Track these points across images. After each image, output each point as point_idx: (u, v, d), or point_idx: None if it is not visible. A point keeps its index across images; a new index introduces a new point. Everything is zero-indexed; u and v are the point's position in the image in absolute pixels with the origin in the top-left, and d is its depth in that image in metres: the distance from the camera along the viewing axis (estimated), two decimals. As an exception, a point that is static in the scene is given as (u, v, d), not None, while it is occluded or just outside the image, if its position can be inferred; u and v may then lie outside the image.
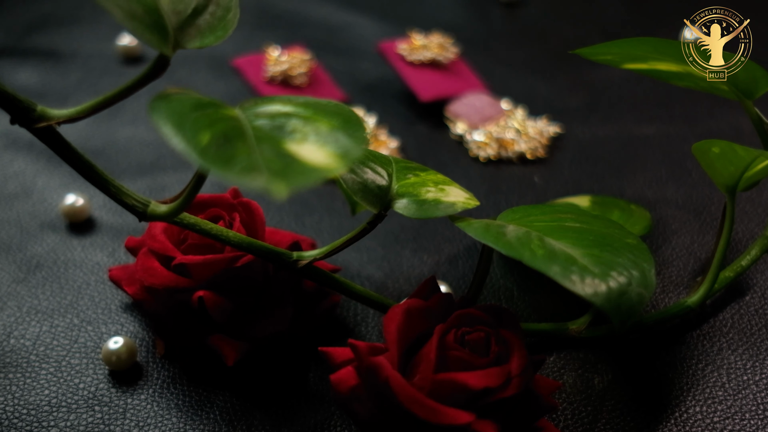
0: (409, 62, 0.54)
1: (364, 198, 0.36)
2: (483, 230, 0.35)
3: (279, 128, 0.30)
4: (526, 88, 0.55)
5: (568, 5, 0.63)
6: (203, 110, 0.30)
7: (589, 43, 0.60)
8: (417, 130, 0.52)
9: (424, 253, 0.44)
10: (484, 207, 0.47)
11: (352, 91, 0.55)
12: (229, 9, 0.35)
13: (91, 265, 0.44)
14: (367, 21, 0.61)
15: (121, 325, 0.41)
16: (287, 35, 0.60)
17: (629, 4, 0.63)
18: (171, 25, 0.33)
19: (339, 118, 0.31)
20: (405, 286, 0.43)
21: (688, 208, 0.47)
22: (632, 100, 0.54)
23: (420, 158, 0.50)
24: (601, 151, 0.51)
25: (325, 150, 0.29)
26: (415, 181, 0.37)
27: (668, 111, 0.53)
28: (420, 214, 0.35)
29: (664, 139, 0.51)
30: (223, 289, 0.38)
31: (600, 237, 0.35)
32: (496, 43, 0.59)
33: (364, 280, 0.43)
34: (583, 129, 0.52)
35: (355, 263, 0.44)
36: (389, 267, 0.44)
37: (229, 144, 0.28)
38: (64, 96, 0.54)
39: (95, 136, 0.51)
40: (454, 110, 0.52)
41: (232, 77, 0.55)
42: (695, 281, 0.42)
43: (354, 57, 0.58)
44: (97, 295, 0.42)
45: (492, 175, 0.49)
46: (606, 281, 0.33)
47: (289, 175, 0.28)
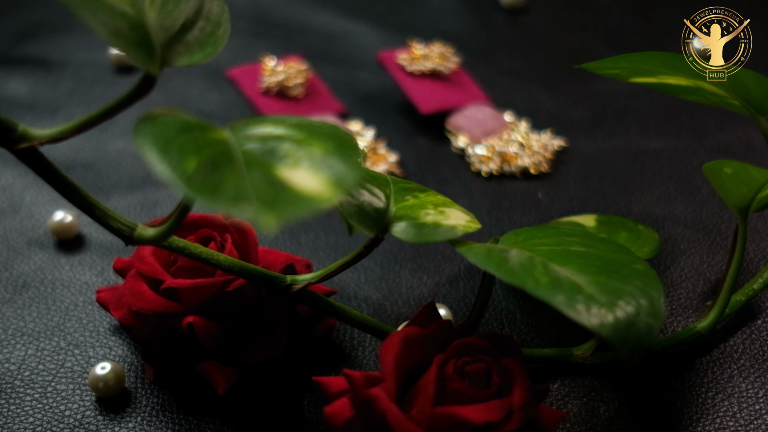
0: (409, 73, 0.52)
1: (360, 221, 0.34)
2: (484, 256, 0.33)
3: (270, 152, 0.28)
4: (530, 99, 0.54)
5: (573, 13, 0.62)
6: (190, 134, 0.29)
7: (594, 52, 0.58)
8: (417, 143, 0.51)
9: (424, 274, 0.43)
10: (486, 225, 0.46)
11: (350, 102, 0.54)
12: (219, 24, 0.33)
13: (79, 284, 0.42)
14: (366, 28, 0.60)
15: (110, 349, 0.39)
16: (284, 43, 0.58)
17: (636, 12, 0.61)
18: (158, 42, 0.31)
19: (334, 142, 0.29)
20: (404, 308, 0.41)
21: (698, 227, 0.45)
22: (639, 113, 0.53)
23: (420, 173, 0.49)
24: (607, 165, 0.49)
25: (319, 177, 0.28)
26: (414, 204, 0.35)
27: (677, 124, 0.52)
28: (419, 238, 0.34)
29: (672, 153, 0.50)
30: (213, 314, 0.36)
31: (607, 263, 0.34)
32: (499, 52, 0.58)
33: (361, 301, 0.42)
34: (588, 143, 0.51)
35: (352, 284, 0.42)
36: (387, 288, 0.42)
37: (217, 171, 0.27)
38: (54, 107, 0.53)
39: (86, 149, 0.50)
40: (456, 123, 0.50)
41: (228, 87, 0.54)
42: (705, 305, 0.40)
43: (352, 66, 0.56)
44: (85, 317, 0.41)
45: (494, 191, 0.48)
46: (613, 311, 0.31)
47: (279, 204, 0.26)
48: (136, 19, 0.31)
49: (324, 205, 0.27)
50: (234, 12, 0.62)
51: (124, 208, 0.47)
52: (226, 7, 0.34)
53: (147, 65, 0.30)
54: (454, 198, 0.47)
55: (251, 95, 0.50)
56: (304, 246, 0.44)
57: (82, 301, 0.42)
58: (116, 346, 0.40)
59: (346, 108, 0.53)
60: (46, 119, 0.52)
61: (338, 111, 0.52)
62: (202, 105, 0.53)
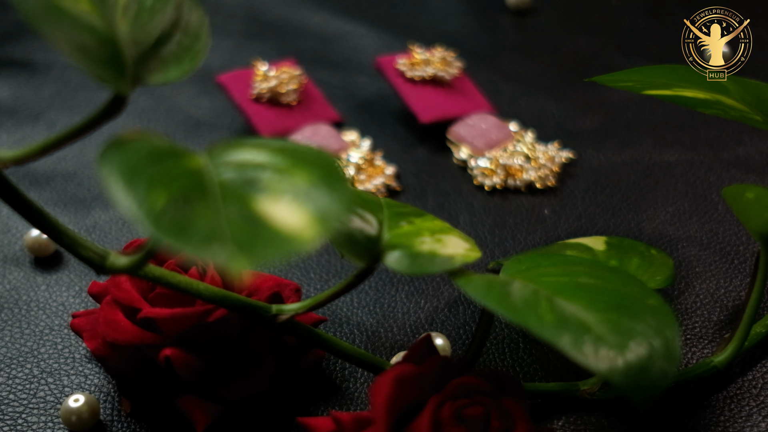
0: (409, 78, 0.49)
1: (350, 250, 0.32)
2: (485, 290, 0.31)
3: (250, 183, 0.26)
4: (536, 107, 0.51)
5: (582, 14, 0.59)
6: (161, 163, 0.26)
7: (604, 57, 0.55)
8: (416, 154, 0.48)
9: (421, 298, 0.40)
10: (489, 245, 0.43)
11: (346, 108, 0.51)
12: (198, 37, 0.30)
13: (55, 306, 0.40)
14: (365, 30, 0.57)
15: (85, 377, 0.37)
16: (279, 45, 0.55)
17: (648, 13, 0.58)
18: (130, 58, 0.28)
19: (319, 170, 0.27)
20: (399, 335, 0.39)
21: (714, 248, 0.43)
22: (652, 123, 0.50)
23: (418, 186, 0.46)
24: (617, 180, 0.46)
25: (302, 212, 0.25)
26: (409, 231, 0.33)
27: (692, 135, 0.49)
28: (413, 269, 0.31)
29: (687, 167, 0.47)
30: (193, 345, 0.34)
31: (617, 297, 0.31)
32: (504, 57, 0.55)
33: (353, 328, 0.39)
34: (597, 155, 0.48)
35: (344, 308, 0.40)
36: (382, 313, 0.40)
37: (188, 206, 0.24)
38: (36, 113, 0.50)
39: (67, 158, 0.47)
40: (457, 133, 0.48)
41: (218, 93, 0.51)
42: (722, 338, 0.38)
43: (350, 70, 0.54)
44: (60, 342, 0.38)
45: (497, 206, 0.45)
46: (623, 354, 0.29)
47: (256, 245, 0.24)
48: (106, 33, 0.28)
49: (305, 247, 0.24)
50: (226, 12, 0.59)
51: (105, 222, 0.44)
52: (206, 18, 0.31)
53: (117, 84, 0.28)
54: (455, 215, 0.44)
55: (241, 102, 0.47)
56: (294, 266, 0.42)
57: (58, 324, 0.39)
58: (92, 374, 0.37)
59: (342, 116, 0.50)
60: (27, 126, 0.50)
61: (333, 119, 0.49)
62: (190, 111, 0.50)
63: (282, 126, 0.47)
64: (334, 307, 0.40)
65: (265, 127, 0.47)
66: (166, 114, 0.50)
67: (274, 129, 0.47)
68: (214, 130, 0.49)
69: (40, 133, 0.49)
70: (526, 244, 0.43)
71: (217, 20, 0.57)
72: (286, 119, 0.47)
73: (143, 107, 0.51)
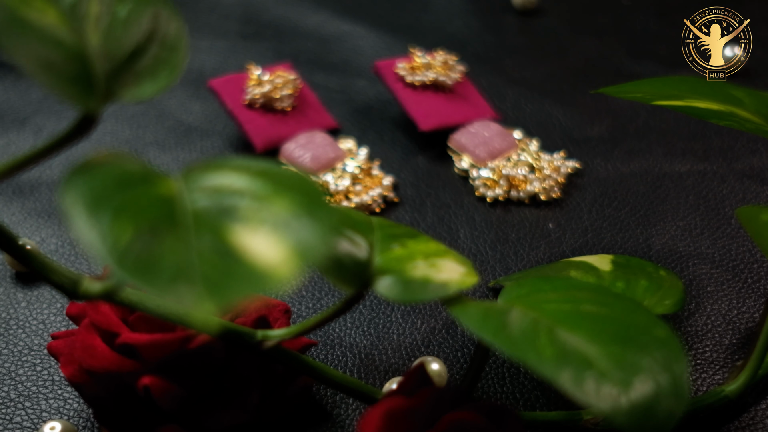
0: (409, 83, 0.47)
1: (338, 277, 0.30)
2: (481, 320, 0.29)
3: (226, 212, 0.24)
4: (542, 113, 0.49)
5: (591, 15, 0.56)
6: (130, 190, 0.24)
7: (613, 60, 0.53)
8: (416, 163, 0.46)
9: (418, 318, 0.38)
10: (489, 261, 0.41)
11: (344, 114, 0.49)
12: (176, 49, 0.29)
13: (35, 324, 0.38)
14: (365, 31, 0.55)
15: (64, 401, 0.35)
16: (275, 46, 0.53)
17: (659, 15, 0.56)
18: (102, 73, 0.27)
19: (302, 196, 0.25)
20: (394, 358, 0.37)
21: (727, 266, 0.40)
22: (663, 130, 0.48)
23: (417, 197, 0.44)
24: (625, 191, 0.44)
25: (282, 244, 0.23)
26: (401, 255, 0.31)
27: (704, 144, 0.47)
28: (405, 297, 0.29)
29: (699, 178, 0.45)
30: (175, 372, 0.32)
31: (623, 327, 0.29)
32: (509, 59, 0.53)
33: (346, 350, 0.37)
34: (605, 164, 0.46)
35: (337, 328, 0.38)
36: (376, 334, 0.38)
37: (156, 240, 0.23)
38: (22, 117, 0.49)
39: (53, 166, 0.46)
40: (459, 141, 0.46)
41: (211, 97, 0.49)
42: (735, 366, 0.36)
43: (348, 73, 0.52)
44: (40, 363, 0.37)
45: (499, 219, 0.43)
46: (627, 392, 0.27)
47: (227, 284, 0.22)
48: (75, 47, 0.26)
49: (281, 284, 0.22)
50: (222, 12, 0.57)
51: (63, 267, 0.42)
52: (185, 28, 0.29)
53: (85, 102, 0.26)
54: (455, 228, 0.42)
55: (233, 109, 0.45)
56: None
57: (38, 343, 0.38)
58: (71, 398, 0.36)
59: (339, 122, 0.48)
60: (13, 132, 0.48)
61: (330, 126, 0.47)
62: (182, 116, 0.49)
63: (275, 133, 0.45)
64: (326, 328, 0.38)
65: (258, 134, 0.45)
66: (156, 119, 0.48)
67: (268, 137, 0.45)
68: (206, 136, 0.47)
69: (27, 138, 0.47)
70: (529, 261, 0.41)
71: (212, 20, 0.56)
72: (279, 126, 0.45)
73: (133, 112, 0.49)
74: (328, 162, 0.44)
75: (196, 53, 0.53)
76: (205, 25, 0.55)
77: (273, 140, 0.45)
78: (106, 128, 0.48)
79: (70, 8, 0.27)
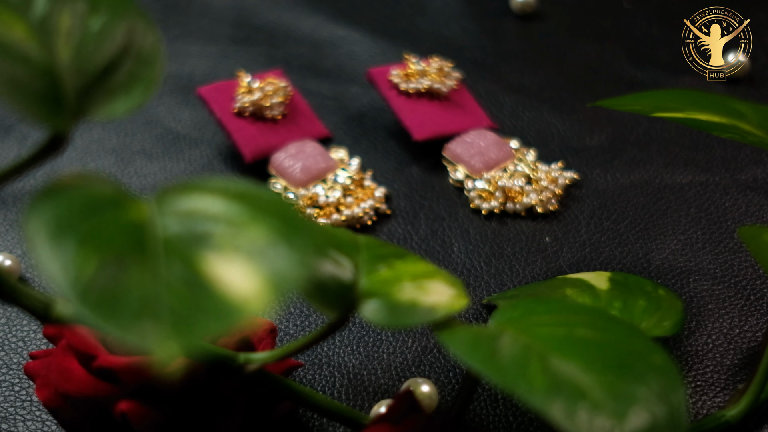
0: (403, 91, 0.46)
1: (320, 301, 0.28)
2: (470, 346, 0.28)
3: (199, 239, 0.23)
4: (540, 121, 0.48)
5: (592, 20, 0.55)
6: (98, 215, 0.23)
7: (613, 66, 0.52)
8: (409, 173, 0.45)
9: (409, 337, 0.37)
10: (484, 276, 0.40)
11: (336, 121, 0.48)
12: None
13: (14, 342, 0.37)
14: (359, 35, 0.53)
15: (42, 423, 0.34)
16: (267, 51, 0.52)
17: (662, 19, 0.55)
18: (72, 89, 0.25)
19: (279, 222, 0.24)
20: (383, 378, 0.36)
21: (729, 282, 0.39)
22: (664, 140, 0.47)
23: (410, 209, 0.43)
24: (625, 204, 0.43)
25: (257, 275, 0.22)
26: (388, 276, 0.30)
27: (707, 154, 0.46)
28: (391, 322, 0.28)
29: (701, 189, 0.44)
30: (153, 397, 0.31)
31: (618, 354, 0.28)
32: (507, 65, 0.51)
33: (334, 369, 0.36)
34: (604, 175, 0.45)
35: (324, 347, 0.37)
36: (365, 353, 0.37)
37: (122, 271, 0.21)
38: (7, 125, 0.47)
39: (36, 176, 0.45)
40: (454, 151, 0.44)
41: (201, 104, 0.48)
42: (736, 389, 0.34)
43: (342, 79, 0.50)
44: (18, 383, 0.36)
45: (495, 233, 0.42)
46: (621, 424, 0.26)
47: (196, 319, 0.21)
48: (44, 63, 0.25)
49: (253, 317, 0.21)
50: (214, 15, 0.56)
51: (34, 290, 0.41)
52: (161, 40, 0.28)
53: (54, 122, 0.25)
54: (449, 242, 0.41)
55: (222, 117, 0.44)
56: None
57: (16, 362, 0.36)
58: (50, 419, 0.34)
59: (331, 131, 0.47)
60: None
61: (322, 134, 0.46)
62: (170, 124, 0.47)
63: (265, 143, 0.44)
64: (313, 347, 0.37)
65: (247, 144, 0.44)
66: (144, 127, 0.47)
67: (257, 146, 0.44)
68: (195, 145, 0.46)
69: (11, 147, 0.46)
70: (525, 276, 0.40)
71: (204, 24, 0.54)
72: (269, 135, 0.44)
73: (120, 119, 0.48)
74: (319, 173, 0.43)
75: (187, 58, 0.52)
76: (197, 30, 0.54)
77: (263, 150, 0.44)
78: (92, 136, 0.46)
79: (39, 22, 0.26)
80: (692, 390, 0.35)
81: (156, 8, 0.55)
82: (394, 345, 0.37)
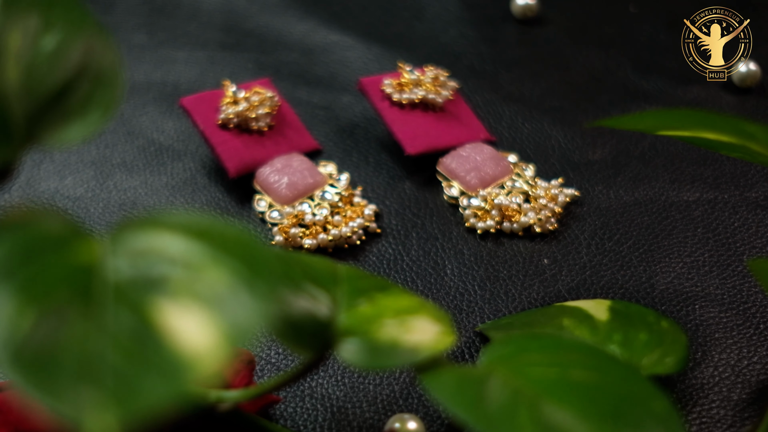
0: (396, 102, 0.44)
1: (293, 340, 0.26)
2: (455, 391, 0.26)
3: (154, 284, 0.21)
4: (540, 133, 0.45)
5: (596, 25, 0.53)
6: (43, 258, 0.21)
7: (618, 74, 0.50)
8: (401, 188, 0.43)
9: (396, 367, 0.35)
10: (478, 301, 0.38)
11: (326, 133, 0.46)
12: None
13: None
14: (353, 41, 0.51)
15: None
16: (257, 57, 0.50)
17: (668, 25, 0.52)
18: (21, 114, 0.23)
19: (242, 265, 0.22)
20: (369, 412, 0.34)
21: (737, 309, 0.37)
22: (670, 154, 0.44)
23: (402, 228, 0.41)
24: (628, 223, 0.41)
25: (214, 326, 0.20)
26: (368, 313, 0.28)
27: (715, 170, 0.43)
28: (370, 363, 0.26)
29: (708, 208, 0.41)
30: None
31: (616, 399, 0.26)
32: (506, 73, 0.49)
33: (317, 402, 0.34)
34: (607, 192, 0.42)
35: (307, 378, 0.35)
36: (350, 384, 0.35)
37: (63, 324, 0.19)
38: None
39: (12, 190, 0.43)
40: (449, 166, 0.42)
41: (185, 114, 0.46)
42: (744, 428, 0.32)
43: (333, 88, 0.48)
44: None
45: (490, 254, 0.40)
46: (618, 481, 0.24)
47: (141, 382, 0.19)
48: (-12, 84, 0.23)
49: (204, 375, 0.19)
50: (203, 19, 0.54)
51: None
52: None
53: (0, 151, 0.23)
54: (441, 264, 0.39)
55: (205, 129, 0.42)
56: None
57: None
58: (16, 455, 0.33)
59: (320, 143, 0.45)
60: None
61: (310, 147, 0.44)
62: (153, 135, 0.45)
63: (250, 156, 0.42)
64: (296, 377, 0.35)
65: (231, 158, 0.42)
66: (125, 138, 0.45)
67: (241, 160, 0.42)
68: (178, 158, 0.44)
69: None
70: (521, 302, 0.38)
71: (192, 29, 0.52)
72: (255, 148, 0.42)
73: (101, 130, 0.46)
74: (306, 189, 0.41)
75: (173, 65, 0.50)
76: (184, 35, 0.52)
77: (247, 164, 0.42)
78: (71, 148, 0.44)
79: (-14, 42, 0.24)
80: (697, 427, 0.33)
81: (142, 11, 0.53)
82: (381, 376, 0.35)
